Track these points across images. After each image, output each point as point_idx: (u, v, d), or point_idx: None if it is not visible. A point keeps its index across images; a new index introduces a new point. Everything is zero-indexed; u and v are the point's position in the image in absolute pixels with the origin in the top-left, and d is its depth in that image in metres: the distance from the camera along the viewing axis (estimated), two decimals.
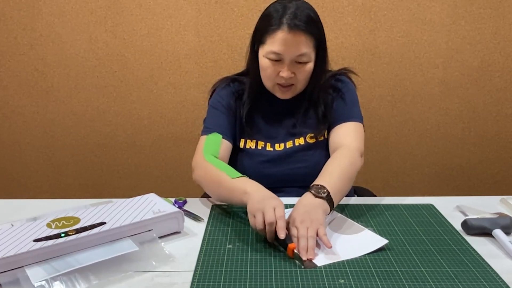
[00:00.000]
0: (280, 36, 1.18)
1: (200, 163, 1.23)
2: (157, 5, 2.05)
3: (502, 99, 2.16)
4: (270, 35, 1.19)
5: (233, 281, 0.87)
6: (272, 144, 1.32)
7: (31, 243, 0.89)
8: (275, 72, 1.22)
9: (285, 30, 1.17)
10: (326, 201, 1.05)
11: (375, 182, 2.25)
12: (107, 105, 2.18)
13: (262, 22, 1.24)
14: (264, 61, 1.23)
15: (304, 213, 1.01)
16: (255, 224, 1.00)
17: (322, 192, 1.06)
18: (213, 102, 1.36)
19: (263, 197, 1.04)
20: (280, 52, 1.19)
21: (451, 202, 1.22)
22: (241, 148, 1.33)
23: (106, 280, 0.88)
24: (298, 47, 1.18)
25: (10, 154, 2.25)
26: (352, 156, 1.21)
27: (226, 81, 1.38)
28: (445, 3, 2.04)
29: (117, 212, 1.03)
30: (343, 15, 2.04)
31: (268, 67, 1.22)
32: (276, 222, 0.96)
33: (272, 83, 1.26)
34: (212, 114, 1.34)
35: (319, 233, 0.97)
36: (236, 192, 1.10)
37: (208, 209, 1.19)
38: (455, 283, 0.86)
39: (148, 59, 2.11)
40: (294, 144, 1.31)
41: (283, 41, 1.18)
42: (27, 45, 2.10)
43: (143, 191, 1.53)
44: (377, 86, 2.14)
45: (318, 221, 0.99)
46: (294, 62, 1.21)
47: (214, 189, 1.19)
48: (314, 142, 1.31)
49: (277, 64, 1.21)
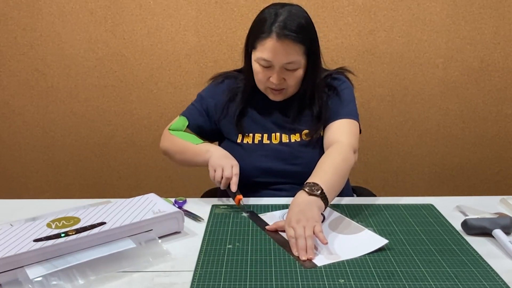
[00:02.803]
0: (270, 44, 1.20)
1: (166, 135, 1.41)
2: (157, 5, 2.05)
3: (502, 99, 2.16)
4: (260, 42, 1.22)
5: (233, 281, 0.87)
6: (269, 136, 1.33)
7: (31, 243, 0.89)
8: (266, 77, 1.26)
9: (274, 39, 1.19)
10: (320, 198, 1.06)
11: (375, 182, 2.24)
12: (107, 105, 2.18)
13: (254, 27, 1.27)
14: (255, 65, 1.27)
15: (299, 212, 1.01)
16: (214, 176, 1.19)
17: (316, 190, 1.07)
18: (201, 95, 1.43)
19: (224, 155, 1.23)
20: (269, 59, 1.22)
21: (451, 202, 1.22)
22: (238, 143, 1.34)
23: (103, 276, 0.88)
24: (287, 56, 1.21)
25: (10, 154, 2.25)
26: (345, 152, 1.21)
27: (221, 78, 1.42)
28: (445, 3, 2.04)
29: (117, 212, 1.03)
30: (343, 15, 2.04)
31: (259, 72, 1.26)
32: (232, 178, 1.16)
33: (264, 87, 1.30)
34: (195, 104, 1.43)
35: (315, 230, 0.98)
36: (200, 154, 1.28)
37: (208, 209, 1.19)
38: (455, 283, 0.86)
39: (148, 59, 2.11)
40: (290, 140, 1.32)
41: (272, 49, 1.20)
42: (27, 45, 2.10)
43: (143, 191, 1.53)
44: (377, 86, 2.14)
45: (313, 219, 1.00)
46: (284, 68, 1.24)
47: (180, 156, 1.36)
48: (309, 139, 1.32)
49: (267, 70, 1.25)
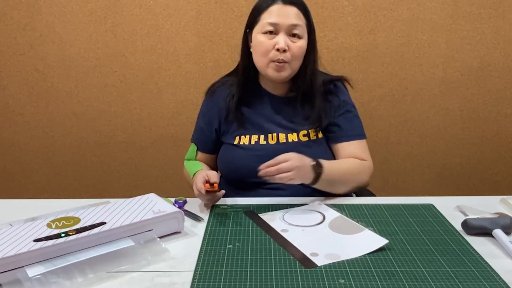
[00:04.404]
0: (276, 8, 1.26)
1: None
2: (157, 5, 2.05)
3: (502, 99, 2.16)
4: (265, 11, 1.27)
5: (233, 281, 0.87)
6: (266, 137, 1.33)
7: (31, 243, 0.89)
8: (271, 45, 1.26)
9: (280, 3, 1.26)
10: (314, 174, 1.18)
11: (375, 182, 2.24)
12: (107, 105, 2.18)
13: (253, 10, 1.32)
14: (259, 37, 1.28)
15: (298, 160, 1.15)
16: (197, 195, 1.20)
17: (318, 168, 1.18)
18: (201, 112, 1.45)
19: (198, 176, 1.23)
20: (275, 22, 1.25)
21: (451, 202, 1.22)
22: (235, 144, 1.34)
23: (103, 275, 0.89)
24: (293, 18, 1.26)
25: (10, 154, 2.25)
26: (366, 171, 1.34)
27: (211, 92, 1.44)
28: (445, 3, 2.04)
29: (117, 212, 1.03)
30: (343, 15, 2.05)
31: (263, 41, 1.27)
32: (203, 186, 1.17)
33: (267, 61, 1.27)
34: (197, 125, 1.47)
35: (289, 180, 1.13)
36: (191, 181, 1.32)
37: (208, 209, 1.19)
38: (455, 283, 0.86)
39: (148, 59, 2.11)
40: (287, 140, 1.33)
41: (278, 11, 1.26)
42: (27, 45, 2.10)
43: (143, 191, 1.53)
44: (377, 86, 2.15)
45: (301, 175, 1.15)
46: (289, 35, 1.26)
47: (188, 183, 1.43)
48: (307, 140, 1.32)
49: (272, 37, 1.26)
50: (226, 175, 1.39)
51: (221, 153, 1.40)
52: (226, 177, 1.39)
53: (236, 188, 1.34)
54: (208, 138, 1.42)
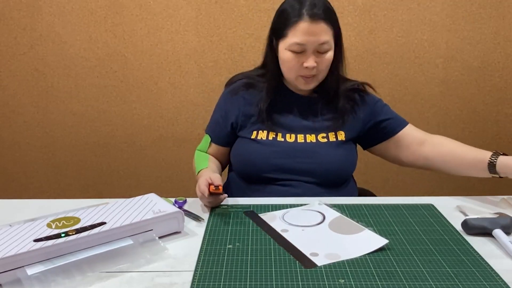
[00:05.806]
0: (302, 27, 1.21)
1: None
2: (157, 5, 2.05)
3: (502, 99, 2.16)
4: (292, 27, 1.23)
5: (233, 281, 0.87)
6: (283, 134, 1.33)
7: (31, 243, 0.89)
8: (299, 63, 1.25)
9: (307, 21, 1.21)
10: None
11: (375, 182, 2.24)
12: (107, 105, 2.18)
13: (280, 17, 1.28)
14: (286, 54, 1.26)
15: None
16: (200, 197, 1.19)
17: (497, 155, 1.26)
18: (218, 105, 1.43)
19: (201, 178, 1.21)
20: (303, 43, 1.22)
21: (451, 202, 1.22)
22: (253, 139, 1.34)
23: (103, 275, 0.89)
24: (320, 36, 1.22)
25: (10, 154, 2.25)
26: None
27: (233, 91, 1.40)
28: (445, 3, 2.04)
29: (117, 212, 1.03)
30: (343, 15, 2.04)
31: (291, 59, 1.25)
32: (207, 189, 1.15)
33: (295, 75, 1.28)
34: (213, 116, 1.44)
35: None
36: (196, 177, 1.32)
37: (208, 209, 1.19)
38: (455, 283, 0.86)
39: (148, 59, 2.11)
40: (305, 140, 1.32)
41: (306, 31, 1.21)
42: (27, 45, 2.10)
43: (143, 191, 1.53)
44: (377, 86, 2.13)
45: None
46: (316, 51, 1.24)
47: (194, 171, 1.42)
48: (325, 142, 1.32)
49: (300, 55, 1.25)
50: (240, 168, 1.37)
51: (236, 146, 1.38)
52: (239, 171, 1.38)
53: (247, 183, 1.34)
54: (222, 131, 1.40)
